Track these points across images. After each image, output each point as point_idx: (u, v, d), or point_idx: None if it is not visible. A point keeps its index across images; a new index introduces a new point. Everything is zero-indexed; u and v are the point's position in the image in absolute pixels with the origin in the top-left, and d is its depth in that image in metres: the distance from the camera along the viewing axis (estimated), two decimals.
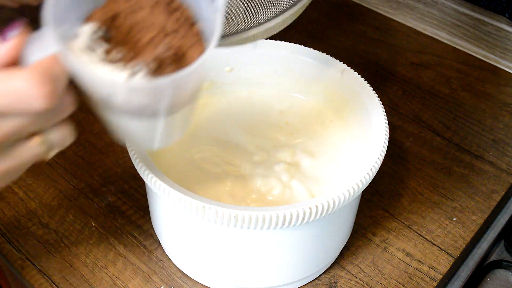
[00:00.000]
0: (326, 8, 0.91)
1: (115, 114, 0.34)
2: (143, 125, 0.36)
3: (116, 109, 0.34)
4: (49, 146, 0.33)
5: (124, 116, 0.34)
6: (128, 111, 0.33)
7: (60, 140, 0.34)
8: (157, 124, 0.36)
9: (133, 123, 0.36)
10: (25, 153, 0.32)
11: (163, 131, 0.38)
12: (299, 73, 0.58)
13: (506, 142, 0.69)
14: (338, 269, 0.55)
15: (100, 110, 0.35)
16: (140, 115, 0.34)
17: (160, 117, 0.35)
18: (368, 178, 0.45)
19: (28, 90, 0.28)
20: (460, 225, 0.60)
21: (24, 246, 0.55)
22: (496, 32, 0.80)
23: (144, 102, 0.33)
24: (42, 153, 0.33)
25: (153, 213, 0.53)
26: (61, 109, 0.32)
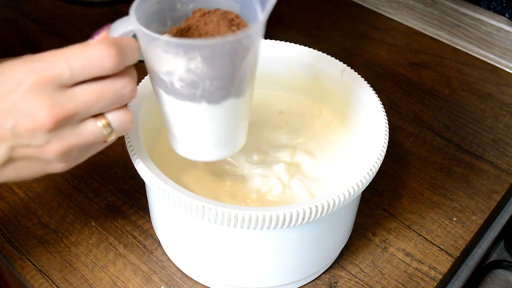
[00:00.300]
0: (326, 8, 0.91)
1: (174, 93, 0.39)
2: (196, 112, 0.40)
3: (176, 84, 0.38)
4: (110, 128, 0.37)
5: (181, 98, 0.39)
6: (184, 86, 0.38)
7: (120, 123, 0.38)
8: (208, 113, 0.40)
9: (187, 110, 0.40)
10: (87, 132, 0.37)
11: (215, 126, 0.42)
12: (299, 73, 0.58)
13: (506, 142, 0.69)
14: (338, 269, 0.55)
15: (161, 91, 0.40)
16: (194, 95, 0.39)
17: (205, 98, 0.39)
18: (368, 178, 0.45)
19: (99, 51, 0.35)
20: (460, 225, 0.60)
21: (24, 246, 0.55)
22: (496, 32, 0.80)
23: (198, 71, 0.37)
24: (102, 135, 0.37)
25: (153, 213, 0.53)
26: (126, 84, 0.37)
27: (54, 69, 0.35)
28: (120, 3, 0.88)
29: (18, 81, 0.35)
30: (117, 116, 0.38)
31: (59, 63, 0.35)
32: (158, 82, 0.40)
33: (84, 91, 0.36)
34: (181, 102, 0.40)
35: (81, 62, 0.35)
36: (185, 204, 0.42)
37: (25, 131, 0.35)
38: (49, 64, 0.35)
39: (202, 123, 0.41)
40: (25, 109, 0.35)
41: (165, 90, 0.40)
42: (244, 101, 0.42)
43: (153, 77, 0.40)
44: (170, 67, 0.38)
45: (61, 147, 0.36)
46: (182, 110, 0.41)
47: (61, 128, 0.36)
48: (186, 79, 0.38)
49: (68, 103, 0.35)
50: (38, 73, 0.35)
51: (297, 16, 0.89)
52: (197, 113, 0.40)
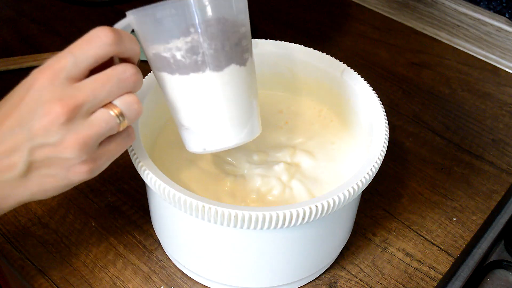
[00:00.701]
0: (326, 8, 0.91)
1: (178, 69, 0.41)
2: (203, 84, 0.41)
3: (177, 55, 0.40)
4: (121, 114, 0.38)
5: (185, 71, 0.41)
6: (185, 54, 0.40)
7: (128, 107, 0.39)
8: (214, 83, 0.41)
9: (193, 84, 0.41)
10: (100, 121, 0.38)
11: (225, 98, 0.42)
12: (299, 73, 0.58)
13: (506, 142, 0.69)
14: (338, 269, 0.55)
15: (166, 76, 0.42)
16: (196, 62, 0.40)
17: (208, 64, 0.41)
18: (368, 178, 0.45)
19: (96, 31, 0.37)
20: (460, 225, 0.60)
21: (24, 246, 0.55)
22: (496, 32, 0.80)
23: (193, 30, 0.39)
24: (115, 122, 0.38)
25: (153, 213, 0.53)
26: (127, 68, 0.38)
27: (60, 61, 0.37)
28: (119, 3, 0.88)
29: (31, 83, 0.37)
30: (124, 100, 0.39)
31: (63, 54, 0.37)
32: (161, 66, 0.41)
33: (89, 80, 0.38)
34: (187, 77, 0.41)
35: (81, 46, 0.37)
36: (185, 204, 0.42)
37: (40, 129, 0.37)
38: (56, 59, 0.37)
39: (211, 96, 0.42)
40: (37, 108, 0.36)
41: (170, 71, 0.41)
42: (247, 71, 0.43)
43: (155, 63, 0.42)
44: (169, 36, 0.40)
45: (77, 139, 0.37)
46: (189, 87, 0.42)
47: (73, 120, 0.37)
48: (185, 47, 0.40)
49: (77, 94, 0.37)
50: (47, 69, 0.37)
51: (297, 16, 0.89)
52: (204, 85, 0.41)
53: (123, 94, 0.39)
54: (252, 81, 0.44)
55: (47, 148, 0.37)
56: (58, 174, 0.39)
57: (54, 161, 0.38)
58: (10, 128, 0.37)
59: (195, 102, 0.43)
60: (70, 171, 0.39)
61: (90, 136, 0.38)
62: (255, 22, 0.86)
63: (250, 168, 0.52)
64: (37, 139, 0.37)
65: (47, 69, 0.37)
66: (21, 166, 0.38)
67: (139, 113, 0.40)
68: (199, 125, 0.44)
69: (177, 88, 0.42)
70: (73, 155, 0.38)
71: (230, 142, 0.44)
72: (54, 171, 0.39)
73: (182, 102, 0.43)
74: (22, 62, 0.75)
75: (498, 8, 0.80)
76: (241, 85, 0.43)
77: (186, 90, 0.42)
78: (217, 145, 0.44)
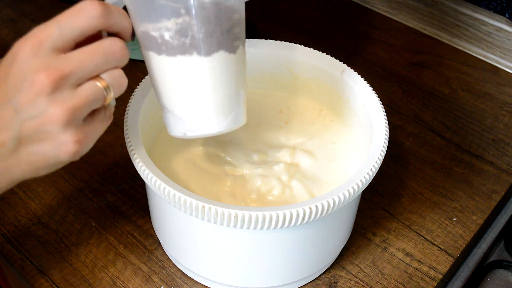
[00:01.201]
0: (326, 8, 0.91)
1: (166, 50, 0.40)
2: (189, 67, 0.41)
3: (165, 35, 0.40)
4: (107, 87, 0.38)
5: (172, 52, 0.40)
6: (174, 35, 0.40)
7: (114, 80, 0.38)
8: (200, 67, 0.41)
9: (180, 67, 0.41)
10: (86, 92, 0.37)
11: (210, 84, 0.42)
12: (299, 73, 0.58)
13: (506, 142, 0.69)
14: (338, 269, 0.55)
15: (152, 55, 0.41)
16: (184, 45, 0.40)
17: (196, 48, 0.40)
18: (368, 178, 0.45)
19: (83, 3, 0.37)
20: (460, 225, 0.60)
21: (24, 246, 0.55)
22: (496, 32, 0.80)
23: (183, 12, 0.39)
24: (102, 93, 0.38)
25: (153, 213, 0.53)
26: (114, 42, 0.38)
27: (45, 30, 0.36)
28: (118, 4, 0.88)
29: (15, 54, 0.36)
30: (111, 74, 0.38)
31: (49, 24, 0.36)
32: (149, 45, 0.41)
33: (77, 52, 0.37)
34: (173, 58, 0.41)
35: (68, 17, 0.37)
36: (185, 204, 0.42)
37: (27, 100, 0.36)
38: (40, 28, 0.36)
39: (196, 80, 0.41)
40: (22, 79, 0.36)
41: (157, 50, 0.41)
42: (236, 59, 0.42)
43: (143, 41, 0.41)
44: (160, 15, 0.39)
45: (63, 110, 0.36)
46: (175, 69, 0.41)
47: (60, 90, 0.36)
48: (175, 28, 0.39)
49: (64, 64, 0.36)
50: (30, 39, 0.36)
51: (297, 16, 0.89)
52: (189, 68, 0.41)
53: (110, 68, 0.38)
54: (240, 70, 0.44)
55: (34, 121, 0.36)
56: (48, 152, 0.38)
57: (42, 136, 0.37)
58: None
59: (180, 85, 0.42)
60: (59, 149, 0.38)
61: (77, 106, 0.37)
62: (255, 23, 0.86)
63: (250, 168, 0.52)
64: (24, 112, 0.36)
65: (30, 39, 0.36)
66: (11, 143, 0.37)
67: (125, 87, 0.39)
68: (181, 109, 0.43)
69: (163, 69, 0.42)
70: (59, 127, 0.37)
71: (212, 130, 0.43)
72: (43, 149, 0.38)
73: (166, 83, 0.42)
74: None
75: (498, 8, 0.80)
76: (229, 72, 0.42)
77: (171, 72, 0.41)
78: (198, 131, 0.44)
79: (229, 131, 0.44)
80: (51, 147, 0.38)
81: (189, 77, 0.41)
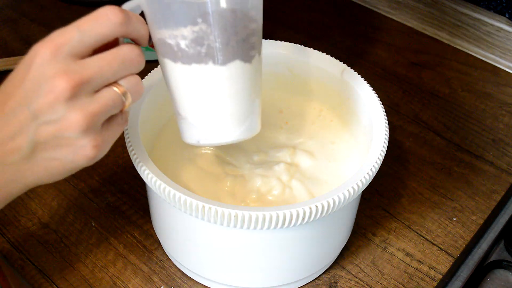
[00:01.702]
0: (326, 8, 0.91)
1: (181, 58, 0.40)
2: (204, 76, 0.41)
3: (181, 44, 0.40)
4: (125, 93, 0.38)
5: (188, 61, 0.40)
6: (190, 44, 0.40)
7: (133, 86, 0.38)
8: (215, 76, 0.41)
9: (195, 75, 0.41)
10: (105, 98, 0.37)
11: (224, 93, 0.42)
12: (299, 73, 0.58)
13: (506, 142, 0.69)
14: (338, 269, 0.55)
15: (168, 62, 0.41)
16: (199, 54, 0.40)
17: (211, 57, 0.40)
18: (368, 178, 0.45)
19: (104, 10, 0.37)
20: (460, 225, 0.60)
21: (24, 246, 0.55)
22: (496, 32, 0.80)
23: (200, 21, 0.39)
24: (120, 100, 0.38)
25: (153, 213, 0.53)
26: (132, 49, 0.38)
27: (64, 35, 0.36)
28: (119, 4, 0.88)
29: (32, 58, 0.36)
30: (129, 80, 0.38)
31: (68, 29, 0.36)
32: (165, 52, 0.41)
33: (95, 58, 0.37)
34: (188, 67, 0.40)
35: (89, 23, 0.36)
36: (185, 204, 0.42)
37: (45, 105, 0.35)
38: (59, 33, 0.36)
39: (211, 89, 0.41)
40: (41, 84, 0.35)
41: (173, 58, 0.41)
42: (252, 69, 0.42)
43: (159, 48, 0.41)
44: (177, 22, 0.39)
45: (83, 116, 0.36)
46: (190, 77, 0.41)
47: (79, 96, 0.36)
48: (191, 36, 0.39)
49: (83, 70, 0.36)
50: (49, 43, 0.36)
51: (297, 16, 0.89)
52: (204, 77, 0.41)
53: (128, 74, 0.38)
54: (256, 79, 0.43)
55: (51, 126, 0.36)
56: (64, 158, 0.38)
57: (59, 141, 0.37)
58: (14, 108, 0.36)
59: (194, 93, 0.42)
60: (76, 154, 0.38)
61: (96, 113, 0.37)
62: None
63: (250, 168, 0.52)
64: (41, 117, 0.36)
65: (49, 43, 0.36)
66: (26, 148, 0.37)
67: (141, 94, 0.40)
68: (195, 117, 0.43)
69: (177, 76, 0.42)
70: (77, 133, 0.36)
71: (225, 138, 0.44)
72: (59, 154, 0.37)
73: (181, 91, 0.42)
74: None
75: (498, 8, 0.80)
76: (244, 82, 0.42)
77: (186, 80, 0.41)
78: (211, 139, 0.44)
79: (242, 140, 0.45)
80: (69, 152, 0.38)
81: (203, 86, 0.41)
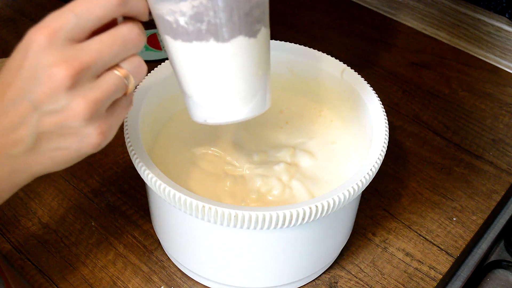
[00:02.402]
0: (327, 8, 0.91)
1: (181, 35, 0.38)
2: (206, 53, 0.38)
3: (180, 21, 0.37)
4: (127, 76, 0.37)
5: (188, 38, 0.38)
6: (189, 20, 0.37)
7: (135, 68, 0.37)
8: (218, 54, 0.39)
9: (196, 53, 0.39)
10: (108, 83, 0.36)
11: (229, 70, 0.39)
12: (299, 73, 0.58)
13: (506, 142, 0.69)
14: (338, 269, 0.55)
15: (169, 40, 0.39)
16: (200, 31, 0.38)
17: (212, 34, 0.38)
18: (368, 178, 0.45)
19: None
20: (460, 225, 0.60)
21: (24, 246, 0.55)
22: (496, 32, 0.80)
23: None
24: (123, 84, 0.37)
25: (153, 213, 0.53)
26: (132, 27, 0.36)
27: (59, 20, 0.34)
28: None
29: (28, 45, 0.34)
30: (131, 62, 0.37)
31: (63, 13, 0.34)
32: (164, 29, 0.39)
33: (94, 41, 0.35)
34: (189, 45, 0.38)
35: (85, 5, 0.34)
36: (185, 204, 0.42)
37: (45, 95, 0.34)
38: (54, 17, 0.34)
39: (214, 67, 0.39)
40: (39, 73, 0.34)
41: (172, 35, 0.38)
42: (257, 44, 0.40)
43: (159, 24, 0.39)
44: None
45: (86, 103, 0.35)
46: (191, 55, 0.39)
47: (80, 83, 0.34)
48: (190, 12, 0.37)
49: (82, 55, 0.34)
50: (44, 29, 0.34)
51: (297, 16, 0.89)
52: (206, 55, 0.39)
53: (129, 56, 0.37)
54: (262, 54, 0.41)
55: (55, 116, 0.35)
56: (70, 146, 0.37)
57: (64, 131, 0.35)
58: (13, 98, 0.35)
59: (197, 71, 0.40)
60: (82, 142, 0.36)
61: (99, 99, 0.35)
62: None
63: (250, 168, 0.52)
64: (42, 107, 0.34)
65: (44, 28, 0.34)
66: (29, 139, 0.35)
67: (144, 74, 0.38)
68: (201, 96, 0.41)
69: (179, 54, 0.39)
70: (82, 121, 0.35)
71: (233, 117, 0.42)
72: (64, 143, 0.36)
73: (184, 69, 0.40)
74: None
75: (498, 8, 0.80)
76: (249, 58, 0.40)
77: (188, 58, 0.39)
78: (218, 118, 0.42)
79: (252, 117, 0.42)
80: (74, 141, 0.36)
81: (206, 64, 0.39)
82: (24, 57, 0.34)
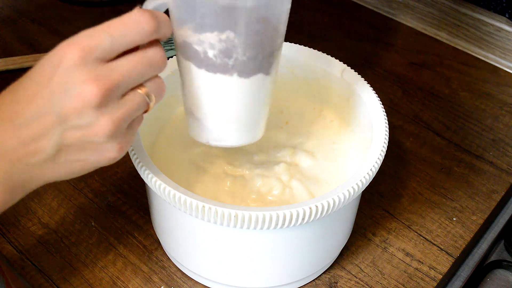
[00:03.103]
0: (326, 8, 0.91)
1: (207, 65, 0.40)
2: (227, 86, 0.41)
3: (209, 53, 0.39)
4: (149, 95, 0.38)
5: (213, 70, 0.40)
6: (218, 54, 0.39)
7: (157, 88, 0.39)
8: (237, 88, 0.41)
9: (217, 84, 0.41)
10: (132, 102, 0.37)
11: (242, 104, 0.42)
12: (299, 73, 0.58)
13: (506, 142, 0.69)
14: (338, 269, 0.55)
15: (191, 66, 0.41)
16: (226, 65, 0.40)
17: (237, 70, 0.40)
18: (368, 178, 0.45)
19: (136, 17, 0.36)
20: (460, 225, 0.60)
21: (24, 246, 0.55)
22: (496, 32, 0.80)
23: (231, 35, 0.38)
24: (145, 102, 0.38)
25: (153, 213, 0.53)
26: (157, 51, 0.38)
27: (94, 39, 0.35)
28: (120, 3, 0.88)
29: (59, 60, 0.35)
30: (154, 82, 0.38)
31: (98, 33, 0.35)
32: (189, 56, 0.41)
33: (123, 62, 0.36)
34: (213, 75, 0.41)
35: (120, 29, 0.36)
36: (185, 204, 0.42)
37: (73, 110, 0.35)
38: (88, 36, 0.35)
39: (231, 99, 0.42)
40: (69, 88, 0.35)
41: (197, 63, 0.40)
42: (270, 80, 0.43)
43: (184, 50, 0.41)
44: (204, 26, 0.38)
45: (111, 122, 0.36)
46: (212, 85, 0.41)
47: (108, 102, 0.35)
48: (220, 46, 0.39)
49: (112, 75, 0.35)
50: (78, 46, 0.35)
51: (298, 17, 0.89)
52: (227, 87, 0.41)
53: (153, 76, 0.38)
54: (272, 89, 0.44)
55: (79, 131, 0.36)
56: (88, 159, 0.38)
57: (85, 145, 0.37)
58: (37, 110, 0.35)
59: (213, 99, 0.42)
60: (101, 155, 0.38)
61: (123, 118, 0.37)
62: None
63: (250, 168, 0.52)
64: (69, 121, 0.35)
65: (77, 46, 0.35)
66: (50, 151, 0.36)
67: (164, 94, 0.40)
68: (210, 120, 0.44)
69: (199, 81, 0.42)
70: (105, 138, 0.36)
71: (236, 142, 0.45)
72: (84, 156, 0.37)
73: (200, 95, 0.42)
74: (22, 62, 0.75)
75: (498, 8, 0.80)
76: (262, 93, 0.43)
77: (207, 86, 0.42)
78: (222, 141, 0.45)
79: (248, 143, 0.46)
80: (93, 154, 0.38)
81: (224, 94, 0.42)
82: (55, 70, 0.35)
